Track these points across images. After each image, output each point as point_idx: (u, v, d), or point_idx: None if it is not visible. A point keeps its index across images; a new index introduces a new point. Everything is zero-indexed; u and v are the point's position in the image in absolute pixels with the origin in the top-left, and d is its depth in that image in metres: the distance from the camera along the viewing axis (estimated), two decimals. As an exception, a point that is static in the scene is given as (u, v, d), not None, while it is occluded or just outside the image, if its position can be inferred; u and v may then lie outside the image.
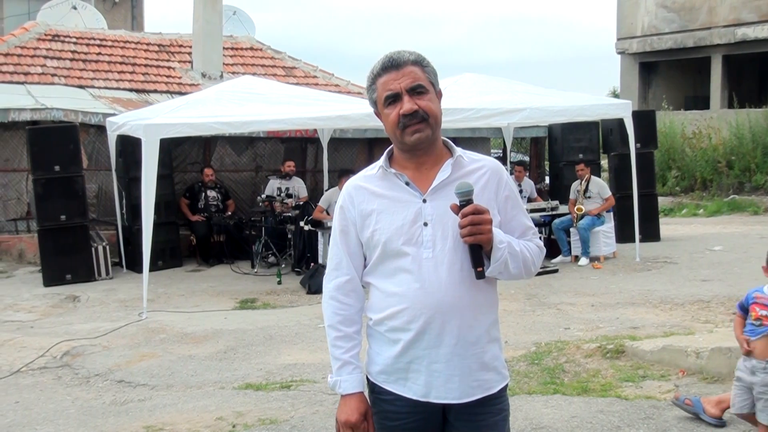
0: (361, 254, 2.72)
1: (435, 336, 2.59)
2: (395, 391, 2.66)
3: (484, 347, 2.64)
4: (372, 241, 2.64)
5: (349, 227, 2.70)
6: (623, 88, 28.22)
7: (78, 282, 10.93)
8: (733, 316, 7.91)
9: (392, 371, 2.66)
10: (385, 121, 2.66)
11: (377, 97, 2.65)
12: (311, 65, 18.29)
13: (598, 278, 10.55)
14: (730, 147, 20.55)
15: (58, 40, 16.25)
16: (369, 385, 2.76)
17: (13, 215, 12.73)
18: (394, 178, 2.66)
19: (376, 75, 2.64)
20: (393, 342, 2.64)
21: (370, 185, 2.69)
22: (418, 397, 2.64)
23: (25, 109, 12.33)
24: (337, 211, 2.74)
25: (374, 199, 2.66)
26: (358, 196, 2.69)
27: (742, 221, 16.63)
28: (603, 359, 6.55)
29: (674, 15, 25.40)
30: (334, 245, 2.76)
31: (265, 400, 5.88)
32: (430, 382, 2.62)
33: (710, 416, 4.89)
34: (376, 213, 2.64)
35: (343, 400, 2.68)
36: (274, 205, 12.43)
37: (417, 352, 2.61)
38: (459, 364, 2.60)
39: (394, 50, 2.67)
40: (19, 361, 7.14)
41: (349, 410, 2.66)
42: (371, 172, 2.73)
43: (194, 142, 13.76)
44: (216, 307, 9.45)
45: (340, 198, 2.75)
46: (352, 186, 2.73)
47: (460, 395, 2.62)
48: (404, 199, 2.63)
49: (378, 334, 2.70)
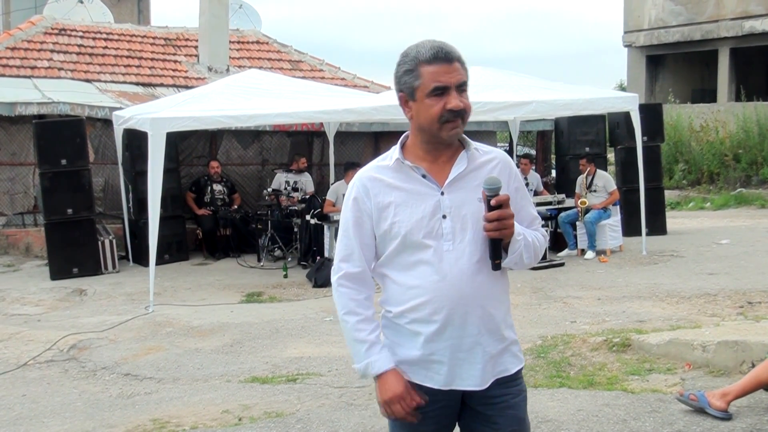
0: (374, 246, 2.72)
1: (458, 326, 2.62)
2: (417, 381, 2.68)
3: (503, 334, 2.70)
4: (390, 234, 2.65)
5: (363, 219, 2.69)
6: (630, 82, 28.15)
7: (85, 275, 10.96)
8: (740, 309, 7.91)
9: (415, 362, 2.68)
10: (424, 111, 2.60)
11: (420, 84, 2.58)
12: (317, 59, 18.26)
13: (605, 272, 10.53)
14: (737, 140, 20.48)
15: (64, 34, 16.25)
16: None
17: (20, 209, 12.75)
18: (410, 171, 2.66)
19: (423, 62, 2.57)
20: (415, 334, 2.66)
21: (385, 177, 2.68)
22: (440, 387, 2.67)
23: (32, 103, 12.34)
24: (350, 203, 2.71)
25: (391, 191, 2.66)
26: (373, 188, 2.67)
27: (749, 215, 16.58)
28: (609, 353, 6.53)
29: (681, 8, 25.31)
30: (345, 237, 2.73)
31: (271, 393, 5.89)
32: (452, 371, 2.65)
33: (716, 409, 4.88)
34: (394, 205, 2.64)
35: (380, 380, 2.65)
36: (280, 198, 12.44)
37: (440, 344, 2.64)
38: (481, 352, 2.65)
39: (436, 40, 2.62)
40: (26, 354, 7.17)
41: (391, 385, 2.64)
42: (384, 163, 2.72)
43: (200, 135, 13.76)
44: (222, 301, 9.46)
45: (351, 189, 2.73)
46: (366, 177, 2.71)
47: (482, 382, 2.66)
48: (422, 192, 2.64)
49: (397, 326, 2.70)
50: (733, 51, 24.56)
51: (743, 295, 8.51)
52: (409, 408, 2.62)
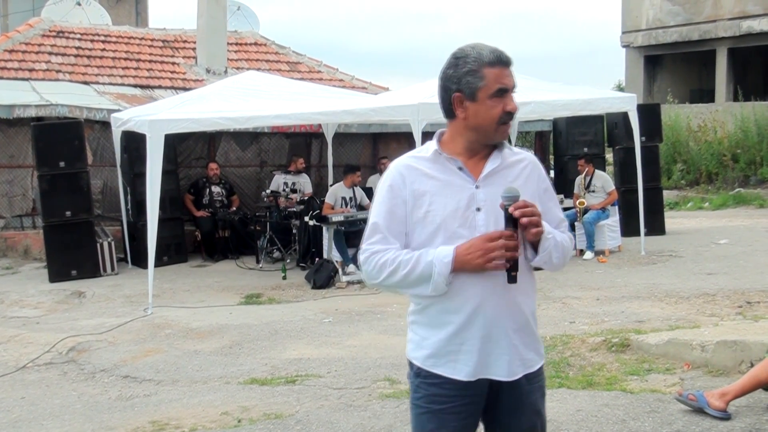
0: (404, 234, 2.74)
1: (489, 318, 2.68)
2: (444, 374, 2.71)
3: (530, 329, 2.77)
4: (425, 221, 2.70)
5: (398, 206, 2.73)
6: (628, 82, 28.17)
7: (83, 278, 10.95)
8: (739, 309, 7.92)
9: (443, 354, 2.71)
10: (484, 111, 2.67)
11: (484, 86, 2.65)
12: (316, 60, 18.27)
13: (603, 272, 10.54)
14: (735, 140, 20.50)
15: (62, 36, 16.25)
16: (414, 371, 2.79)
17: (18, 211, 12.74)
18: (447, 163, 2.73)
19: (487, 63, 2.65)
20: (443, 324, 2.70)
21: (422, 166, 2.74)
22: (468, 378, 2.70)
23: (30, 106, 12.34)
24: (385, 190, 2.75)
25: (427, 180, 2.71)
26: (410, 176, 2.73)
27: (748, 214, 16.59)
28: (608, 353, 6.54)
29: (679, 8, 25.33)
30: (375, 224, 2.75)
31: (270, 394, 5.89)
32: (481, 361, 2.69)
33: (715, 409, 4.88)
34: (430, 194, 2.70)
35: (457, 258, 2.62)
36: (279, 200, 12.44)
37: (470, 333, 2.68)
38: (508, 344, 2.70)
39: (487, 44, 2.71)
40: (25, 356, 7.16)
41: (466, 248, 2.62)
42: (421, 153, 2.78)
43: (199, 137, 13.76)
44: (221, 303, 9.46)
45: (387, 176, 2.77)
46: (402, 165, 2.77)
47: (508, 374, 2.71)
48: (457, 184, 2.71)
49: (424, 319, 2.75)
50: (731, 51, 24.59)
51: (742, 294, 8.51)
52: (496, 240, 2.59)
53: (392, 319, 8.31)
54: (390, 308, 8.81)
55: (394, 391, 5.79)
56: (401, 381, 6.07)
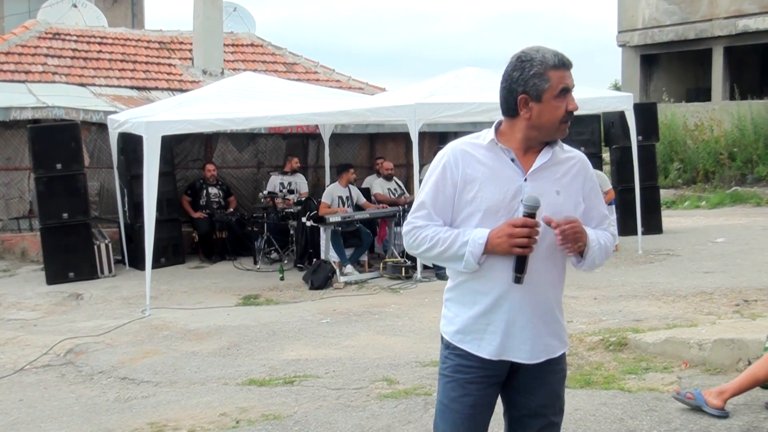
0: (449, 213, 2.91)
1: (516, 304, 2.85)
2: (469, 350, 2.91)
3: (555, 317, 2.96)
4: (472, 204, 2.86)
5: (447, 186, 2.89)
6: (625, 81, 28.17)
7: (81, 280, 10.94)
8: (736, 307, 7.93)
9: (470, 331, 2.91)
10: (549, 111, 2.81)
11: (549, 87, 2.79)
12: (312, 61, 18.27)
13: (601, 271, 10.50)
14: (732, 139, 20.51)
15: (58, 38, 16.24)
16: (444, 343, 3.00)
17: (15, 214, 12.72)
18: (501, 153, 2.88)
19: (551, 67, 2.80)
20: (472, 303, 2.90)
21: (476, 153, 2.90)
22: (490, 357, 2.89)
23: (27, 108, 12.32)
24: (438, 170, 2.91)
25: (479, 166, 2.87)
26: (464, 160, 2.88)
27: (745, 213, 16.61)
28: (606, 352, 6.55)
29: (675, 7, 25.34)
30: (422, 200, 2.93)
31: (268, 395, 5.89)
32: (504, 343, 2.88)
33: (712, 407, 4.89)
34: (480, 180, 2.85)
35: (490, 241, 2.79)
36: (276, 201, 12.43)
37: (496, 316, 2.87)
38: (532, 330, 2.88)
39: (548, 47, 2.86)
40: (23, 359, 7.15)
41: (498, 233, 2.78)
42: (478, 141, 2.93)
43: (196, 139, 13.75)
44: (219, 304, 9.46)
45: (442, 157, 2.91)
46: (458, 149, 2.91)
47: (530, 357, 2.90)
48: (508, 174, 2.86)
49: (457, 296, 2.95)
50: (727, 50, 24.59)
51: (739, 293, 8.52)
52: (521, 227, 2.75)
53: (390, 319, 8.31)
54: (388, 308, 8.81)
55: (393, 392, 5.80)
56: (399, 381, 6.08)
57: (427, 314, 8.43)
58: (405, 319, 8.26)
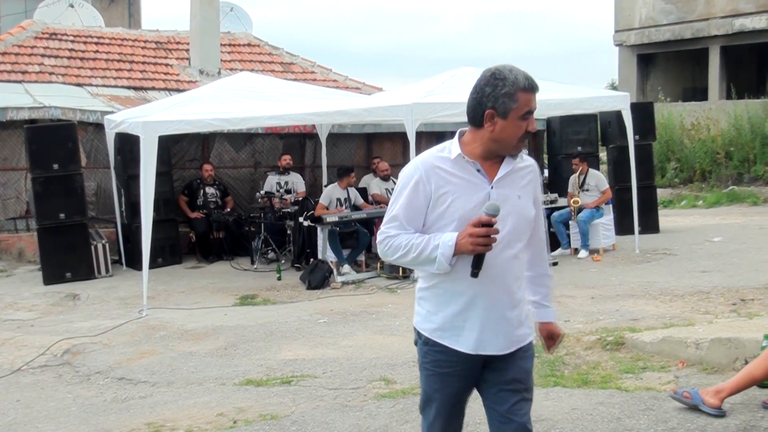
0: (420, 223, 3.13)
1: (490, 301, 3.10)
2: (449, 345, 3.14)
3: (521, 309, 3.22)
4: (445, 214, 3.08)
5: (420, 200, 3.11)
6: (621, 81, 28.19)
7: (78, 280, 10.93)
8: (733, 306, 7.94)
9: (448, 328, 3.14)
10: (511, 129, 3.05)
11: (516, 107, 3.02)
12: (309, 61, 18.26)
13: (598, 270, 10.55)
14: (728, 138, 20.52)
15: (55, 38, 16.22)
16: (422, 339, 3.21)
17: (12, 214, 12.71)
18: (467, 165, 3.11)
19: (521, 89, 3.02)
20: (449, 303, 3.13)
21: (445, 166, 3.12)
22: (468, 351, 3.13)
23: (23, 108, 12.32)
24: (411, 184, 3.12)
25: (451, 179, 3.10)
26: (435, 175, 3.10)
27: (742, 212, 16.63)
28: (603, 351, 6.55)
29: (672, 6, 25.36)
30: (393, 212, 3.15)
31: (265, 395, 5.89)
32: (480, 338, 3.12)
33: (709, 406, 4.89)
34: (452, 193, 3.08)
35: (458, 244, 3.00)
36: (273, 201, 12.43)
37: (473, 313, 3.11)
38: (506, 323, 3.14)
39: (521, 69, 3.08)
40: (20, 359, 7.15)
41: (463, 234, 2.99)
42: (444, 155, 3.15)
43: (192, 139, 13.74)
44: (216, 304, 9.45)
45: (414, 172, 3.13)
46: (428, 164, 3.13)
47: (504, 348, 3.15)
48: (475, 183, 3.10)
49: (432, 296, 3.18)
50: (724, 49, 24.61)
51: (736, 292, 8.53)
52: (481, 227, 2.96)
53: (387, 319, 8.31)
54: (385, 308, 8.81)
55: (390, 391, 5.80)
56: (397, 381, 6.08)
57: (424, 314, 8.42)
58: (402, 319, 8.25)
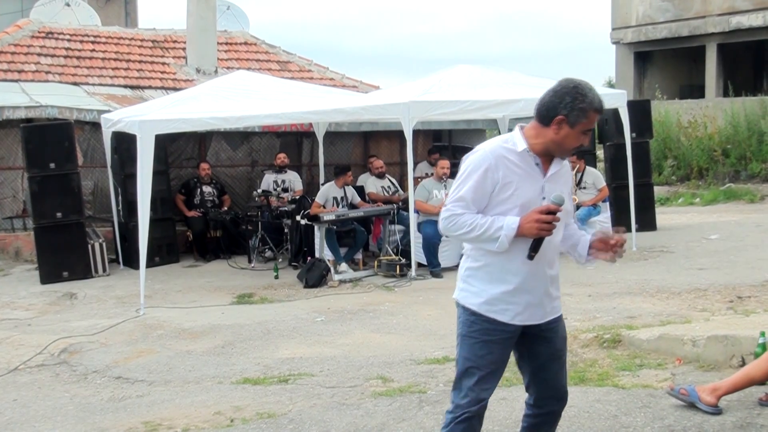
0: (483, 205, 3.52)
1: (538, 279, 3.58)
2: (494, 317, 3.56)
3: (557, 285, 3.71)
4: (510, 200, 3.50)
5: (487, 185, 3.50)
6: (618, 78, 28.19)
7: (75, 279, 10.92)
8: (730, 303, 7.94)
9: (496, 303, 3.56)
10: (571, 139, 3.50)
11: (583, 122, 3.46)
12: (306, 59, 18.24)
13: (595, 268, 10.51)
14: (725, 135, 20.53)
15: (51, 37, 16.19)
16: (469, 312, 3.61)
17: (9, 213, 12.70)
18: (529, 158, 3.55)
19: (592, 110, 3.46)
20: (500, 281, 3.55)
21: (511, 158, 3.53)
22: (512, 322, 3.57)
23: (20, 107, 12.30)
24: (481, 169, 3.50)
25: (515, 169, 3.52)
26: (502, 165, 3.51)
27: (739, 209, 16.63)
28: (600, 349, 6.55)
29: (669, 4, 25.36)
30: (460, 191, 3.53)
31: (263, 394, 5.89)
32: (524, 311, 3.58)
33: (706, 404, 4.89)
34: (516, 182, 3.51)
35: (520, 224, 3.44)
36: (270, 199, 12.42)
37: (523, 289, 3.55)
38: (548, 298, 3.64)
39: (597, 92, 3.50)
40: (17, 358, 7.14)
41: (527, 218, 3.44)
42: (510, 146, 3.56)
43: (189, 137, 13.73)
44: (213, 303, 9.45)
45: (484, 159, 3.52)
46: (498, 155, 3.53)
47: (541, 318, 3.64)
48: (534, 176, 3.55)
49: (484, 274, 3.59)
50: (721, 47, 24.62)
51: (733, 289, 8.54)
52: (547, 214, 3.43)
53: (384, 317, 8.31)
54: (382, 307, 8.82)
55: (387, 390, 5.80)
56: (394, 379, 6.08)
57: (421, 312, 8.44)
58: (399, 317, 8.26)
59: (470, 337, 3.60)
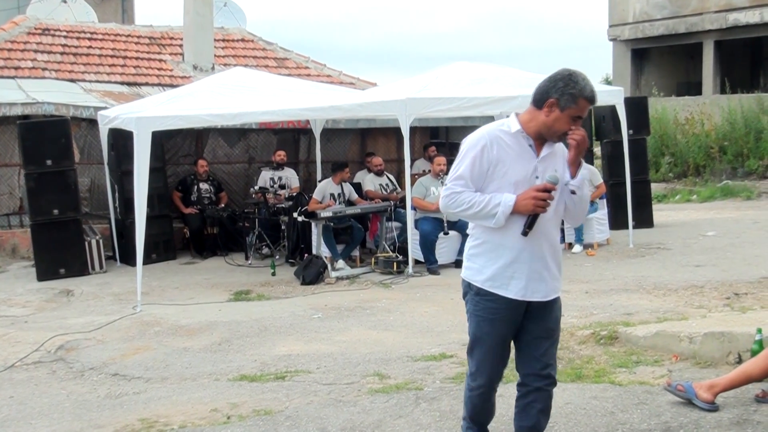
0: (480, 182, 3.74)
1: (535, 253, 3.76)
2: (498, 293, 3.77)
3: (559, 263, 3.89)
4: (503, 178, 3.72)
5: (483, 163, 3.73)
6: (616, 75, 28.24)
7: (72, 276, 10.91)
8: (726, 300, 7.95)
9: (498, 278, 3.76)
10: (560, 123, 3.69)
11: (573, 108, 3.66)
12: (303, 56, 18.22)
13: (592, 265, 10.57)
14: (722, 132, 20.55)
15: (48, 33, 16.16)
16: (474, 290, 3.83)
17: (5, 210, 12.68)
18: (522, 140, 3.77)
19: (583, 97, 3.67)
20: (499, 256, 3.76)
21: (506, 138, 3.77)
22: (516, 297, 3.77)
23: (16, 104, 12.28)
24: (479, 149, 3.74)
25: (509, 149, 3.75)
26: (497, 144, 3.75)
27: (735, 206, 16.65)
28: (597, 345, 6.56)
29: (666, 1, 25.40)
30: (458, 170, 3.76)
31: (259, 391, 5.89)
32: (526, 286, 3.76)
33: (702, 401, 4.90)
34: (510, 160, 3.73)
35: (516, 200, 3.67)
36: (267, 196, 12.41)
37: (520, 263, 3.75)
38: (548, 273, 3.82)
39: (590, 80, 3.72)
40: (14, 355, 7.13)
41: (523, 195, 3.66)
42: (504, 128, 3.80)
43: (186, 134, 13.72)
44: (210, 300, 9.44)
45: (480, 139, 3.76)
46: (493, 135, 3.77)
47: (544, 296, 3.82)
48: (527, 156, 3.77)
49: (484, 251, 3.80)
50: (718, 43, 24.66)
51: (729, 286, 8.55)
52: (542, 192, 3.66)
53: (381, 314, 8.31)
54: (379, 303, 8.82)
55: (384, 386, 5.80)
56: (391, 376, 6.08)
57: (418, 309, 8.44)
58: (396, 314, 8.26)
59: (476, 316, 3.84)
